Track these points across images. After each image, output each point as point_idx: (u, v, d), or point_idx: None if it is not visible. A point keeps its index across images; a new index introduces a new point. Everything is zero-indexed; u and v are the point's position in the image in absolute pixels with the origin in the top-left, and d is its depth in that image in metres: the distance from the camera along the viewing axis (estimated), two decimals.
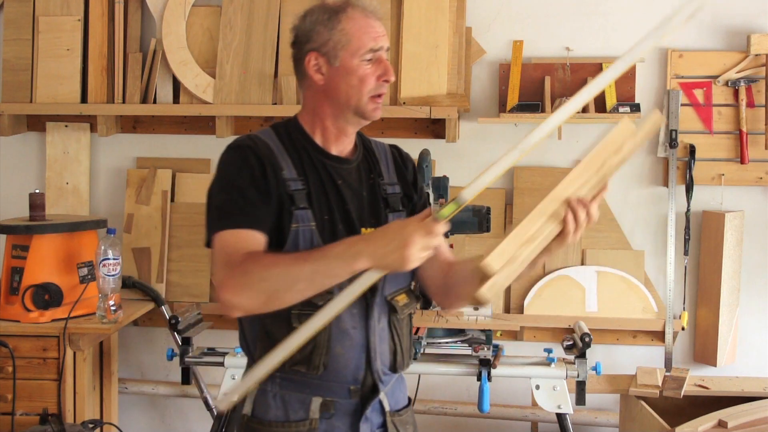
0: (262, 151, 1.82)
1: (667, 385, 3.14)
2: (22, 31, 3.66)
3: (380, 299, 1.88)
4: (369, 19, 1.88)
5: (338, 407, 1.87)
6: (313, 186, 1.85)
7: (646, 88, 3.49)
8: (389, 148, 2.04)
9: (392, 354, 1.91)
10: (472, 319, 3.06)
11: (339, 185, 1.88)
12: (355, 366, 1.86)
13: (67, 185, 3.71)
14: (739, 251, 3.46)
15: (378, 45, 1.85)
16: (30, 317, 3.11)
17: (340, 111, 1.87)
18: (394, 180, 1.97)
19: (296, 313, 1.78)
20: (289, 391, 1.86)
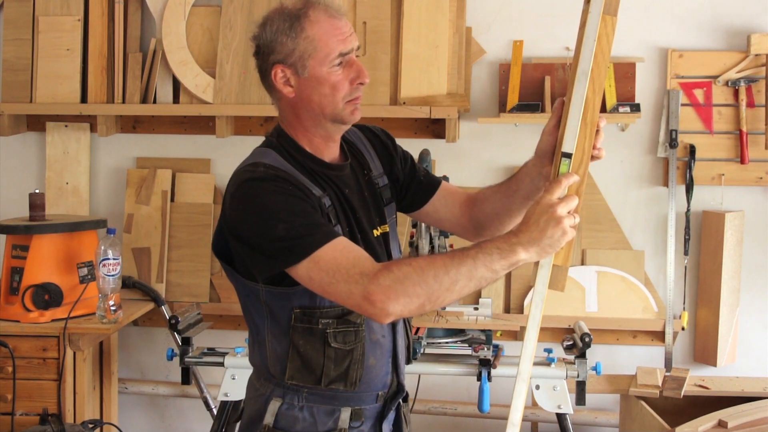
0: (289, 177, 1.73)
1: (667, 385, 3.14)
2: (22, 31, 3.66)
3: None
4: (333, 19, 1.75)
5: (366, 413, 1.86)
6: (335, 201, 1.79)
7: (646, 88, 3.49)
8: (361, 134, 1.95)
9: (407, 349, 1.94)
10: (472, 319, 3.06)
11: (347, 194, 1.82)
12: (384, 373, 1.86)
13: (67, 185, 3.71)
14: (739, 251, 3.46)
15: (347, 48, 1.74)
16: (30, 317, 3.11)
17: (317, 121, 1.78)
18: (380, 169, 1.93)
19: (331, 331, 1.76)
20: (317, 404, 1.82)
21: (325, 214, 1.73)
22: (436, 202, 1.98)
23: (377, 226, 1.86)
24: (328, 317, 1.77)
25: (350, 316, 1.77)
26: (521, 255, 1.66)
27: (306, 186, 1.73)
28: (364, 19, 3.49)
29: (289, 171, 1.75)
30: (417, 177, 1.98)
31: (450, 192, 2.00)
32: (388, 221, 1.91)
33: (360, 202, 1.84)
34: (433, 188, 1.99)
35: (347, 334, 1.79)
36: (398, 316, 1.65)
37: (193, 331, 3.05)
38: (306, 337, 1.77)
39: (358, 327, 1.79)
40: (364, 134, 1.96)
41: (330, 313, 1.77)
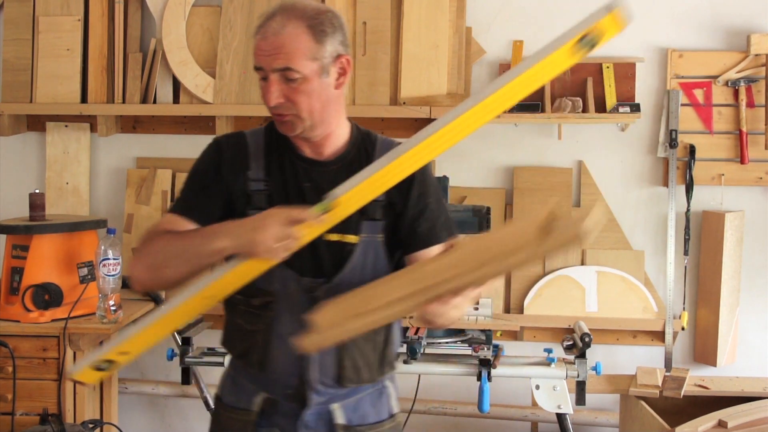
0: (228, 147, 1.89)
1: (667, 385, 3.14)
2: (22, 31, 3.66)
3: None
4: (261, 37, 1.79)
5: (280, 407, 1.90)
6: (276, 187, 1.86)
7: (646, 88, 3.49)
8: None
9: (338, 367, 1.87)
10: (472, 319, 3.06)
11: (304, 188, 1.85)
12: (289, 372, 1.86)
13: (67, 185, 3.71)
14: (739, 251, 3.46)
15: (258, 64, 1.79)
16: (30, 317, 3.11)
17: None
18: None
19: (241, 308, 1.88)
20: (244, 379, 1.93)
21: (247, 194, 1.85)
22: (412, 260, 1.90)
23: (337, 231, 1.82)
24: (240, 293, 1.85)
25: (254, 299, 1.85)
26: (218, 243, 1.72)
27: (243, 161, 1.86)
28: (364, 19, 3.49)
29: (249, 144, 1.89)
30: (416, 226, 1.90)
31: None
32: (363, 235, 1.86)
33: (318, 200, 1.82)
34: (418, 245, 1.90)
35: (251, 315, 1.88)
36: (140, 284, 1.81)
37: (193, 331, 3.05)
38: (229, 306, 1.92)
39: (260, 312, 1.86)
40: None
41: (243, 290, 1.83)
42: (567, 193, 3.54)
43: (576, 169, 3.55)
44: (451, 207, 3.09)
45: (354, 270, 1.84)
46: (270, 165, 1.87)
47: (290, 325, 1.83)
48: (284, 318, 1.84)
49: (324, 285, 1.83)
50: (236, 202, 1.86)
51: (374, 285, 1.69)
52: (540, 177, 3.55)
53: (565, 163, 3.56)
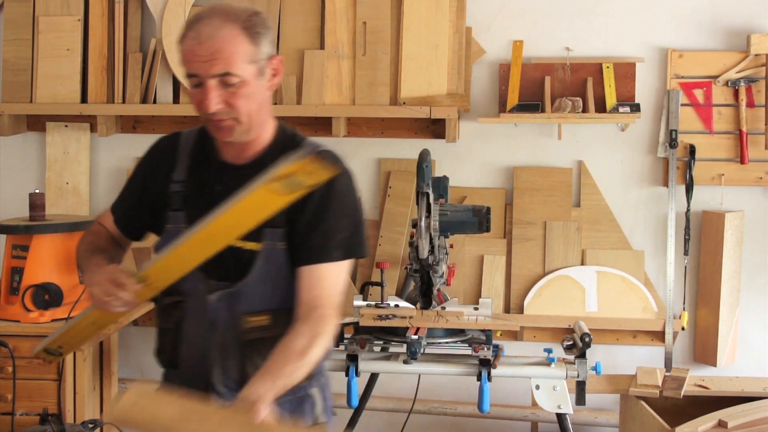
0: (160, 150, 1.94)
1: (667, 385, 3.13)
2: (22, 31, 3.66)
3: (228, 315, 1.84)
4: (195, 42, 1.73)
5: None
6: (194, 189, 1.87)
7: (646, 88, 3.49)
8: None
9: (241, 373, 1.85)
10: (472, 319, 3.06)
11: (216, 191, 1.84)
12: (197, 373, 1.87)
13: (67, 185, 3.71)
14: (739, 251, 3.46)
15: (193, 71, 1.75)
16: (30, 317, 3.11)
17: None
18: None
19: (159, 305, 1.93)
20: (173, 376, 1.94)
21: (168, 196, 1.88)
22: (297, 275, 1.84)
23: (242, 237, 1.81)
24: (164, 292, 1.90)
25: (166, 297, 1.89)
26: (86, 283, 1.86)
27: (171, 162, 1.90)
28: (364, 19, 3.49)
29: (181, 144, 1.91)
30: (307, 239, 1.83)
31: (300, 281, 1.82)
32: (265, 242, 1.83)
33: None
34: (302, 261, 1.83)
35: (163, 313, 1.92)
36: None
37: None
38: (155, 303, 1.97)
39: (171, 310, 1.89)
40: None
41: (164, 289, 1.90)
42: (567, 193, 3.54)
43: (576, 169, 3.55)
44: (451, 207, 3.09)
45: (257, 277, 1.83)
46: (192, 167, 1.89)
47: (196, 326, 1.86)
48: (191, 318, 1.87)
49: (226, 289, 1.84)
50: (158, 203, 1.90)
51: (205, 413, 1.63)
52: (540, 177, 3.55)
53: (565, 163, 3.56)
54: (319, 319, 1.77)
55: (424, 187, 2.92)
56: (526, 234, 3.55)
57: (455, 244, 3.40)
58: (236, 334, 1.84)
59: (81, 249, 1.98)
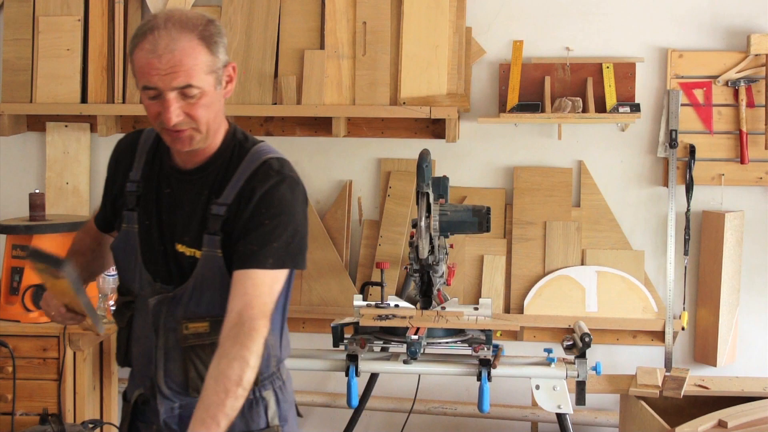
0: (122, 148, 1.96)
1: (667, 385, 3.14)
2: (22, 31, 3.66)
3: (169, 319, 1.84)
4: (152, 54, 1.68)
5: (151, 403, 1.91)
6: (146, 190, 1.88)
7: (646, 88, 3.49)
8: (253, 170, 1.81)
9: (184, 376, 1.84)
10: (472, 319, 3.06)
11: (164, 194, 1.85)
12: (143, 372, 1.90)
13: (67, 185, 3.71)
14: (739, 251, 3.46)
15: (151, 85, 1.69)
16: (30, 317, 3.11)
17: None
18: (227, 201, 1.80)
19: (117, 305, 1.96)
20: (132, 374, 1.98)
21: (123, 194, 1.91)
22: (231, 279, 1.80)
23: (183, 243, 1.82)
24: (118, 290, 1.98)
25: (120, 297, 1.94)
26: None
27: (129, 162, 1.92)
28: (364, 19, 3.49)
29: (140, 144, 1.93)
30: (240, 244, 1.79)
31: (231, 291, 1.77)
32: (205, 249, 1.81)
33: (174, 208, 1.84)
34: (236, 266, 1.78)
35: (118, 312, 1.95)
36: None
37: None
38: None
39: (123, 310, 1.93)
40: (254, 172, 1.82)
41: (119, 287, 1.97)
42: (567, 192, 3.54)
43: (576, 169, 3.55)
44: (451, 207, 3.09)
45: (195, 283, 1.82)
46: (146, 168, 1.89)
47: (142, 327, 1.88)
48: (139, 318, 1.89)
49: (166, 293, 1.84)
50: (117, 201, 1.93)
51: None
52: (540, 177, 3.55)
53: (565, 163, 3.56)
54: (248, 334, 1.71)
55: (424, 187, 2.92)
56: (526, 234, 3.55)
57: (455, 244, 3.40)
58: (176, 338, 1.84)
59: (71, 244, 2.09)
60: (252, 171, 1.81)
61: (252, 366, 1.69)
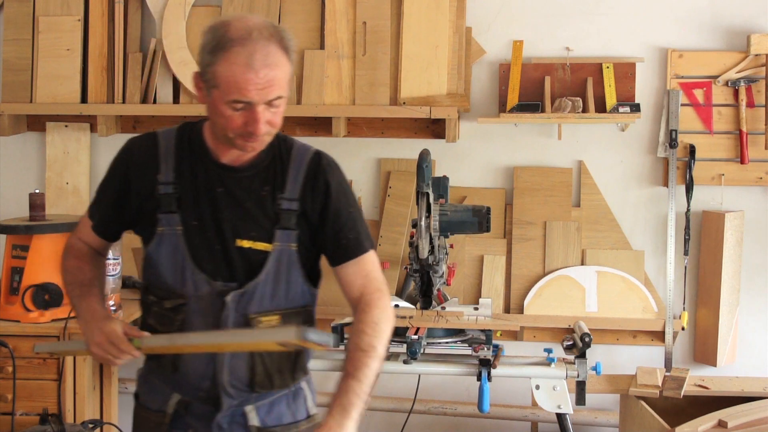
0: (139, 151, 1.91)
1: (667, 385, 3.14)
2: (22, 31, 3.66)
3: (236, 316, 1.85)
4: (248, 69, 1.70)
5: (194, 408, 1.90)
6: (186, 191, 1.86)
7: (646, 88, 3.49)
8: (309, 161, 1.89)
9: (250, 372, 1.87)
10: (472, 319, 3.06)
11: (217, 192, 1.85)
12: (201, 373, 1.88)
13: (67, 185, 3.71)
14: (739, 251, 3.46)
15: (246, 99, 1.71)
16: (30, 317, 3.11)
17: (217, 133, 1.84)
18: (295, 195, 1.86)
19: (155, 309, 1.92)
20: (157, 379, 1.96)
21: (156, 198, 1.87)
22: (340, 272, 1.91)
23: (249, 238, 1.85)
24: (154, 295, 1.92)
25: (167, 302, 1.88)
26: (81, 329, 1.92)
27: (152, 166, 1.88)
28: (364, 19, 3.49)
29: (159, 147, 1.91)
30: (339, 237, 1.88)
31: (348, 280, 1.91)
32: (276, 243, 1.85)
33: (233, 206, 1.86)
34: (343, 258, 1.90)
35: (163, 317, 1.90)
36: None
37: None
38: (143, 308, 1.97)
39: (172, 314, 1.88)
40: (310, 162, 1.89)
41: (157, 292, 1.91)
42: (567, 193, 3.54)
43: (576, 169, 3.55)
44: (451, 207, 3.09)
45: (267, 277, 1.85)
46: (180, 168, 1.88)
47: (201, 328, 1.86)
48: (195, 321, 1.86)
49: (236, 290, 1.84)
50: (145, 205, 1.89)
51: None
52: (540, 177, 3.55)
53: (565, 163, 3.56)
54: (374, 305, 1.85)
55: (424, 187, 2.92)
56: (526, 234, 3.55)
57: (455, 244, 3.40)
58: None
59: (67, 278, 2.02)
60: (308, 164, 1.88)
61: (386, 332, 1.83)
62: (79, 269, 2.01)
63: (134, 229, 1.99)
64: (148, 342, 1.86)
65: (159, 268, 1.89)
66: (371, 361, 1.79)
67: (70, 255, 2.04)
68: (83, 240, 2.06)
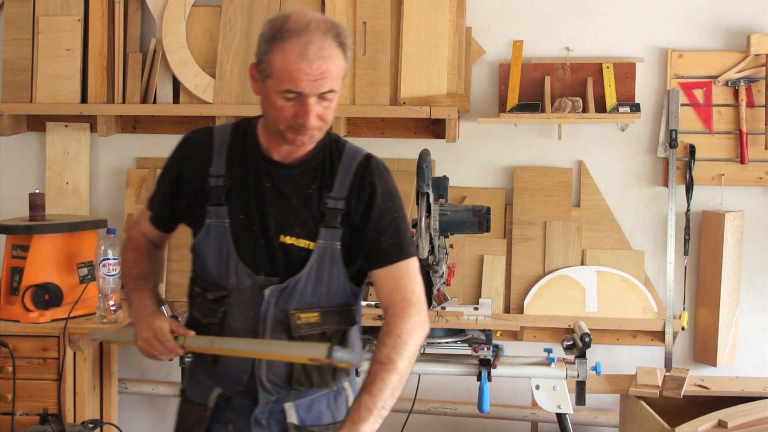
0: (195, 144, 1.95)
1: (667, 385, 3.14)
2: (22, 31, 3.66)
3: (277, 311, 1.86)
4: (302, 60, 1.72)
5: (234, 403, 1.92)
6: (236, 184, 1.88)
7: (646, 88, 3.49)
8: (358, 163, 1.91)
9: (288, 368, 1.88)
10: (472, 319, 3.06)
11: (265, 188, 1.87)
12: (241, 368, 1.89)
13: (67, 185, 3.71)
14: (739, 251, 3.46)
15: (298, 89, 1.74)
16: (30, 317, 3.11)
17: (269, 125, 1.86)
18: (342, 195, 1.88)
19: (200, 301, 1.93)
20: (201, 374, 1.97)
21: (206, 191, 1.89)
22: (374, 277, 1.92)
23: (293, 234, 1.86)
24: (199, 286, 1.94)
25: (210, 293, 1.89)
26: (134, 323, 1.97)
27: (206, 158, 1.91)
28: (364, 19, 3.49)
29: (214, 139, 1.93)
30: (379, 241, 1.88)
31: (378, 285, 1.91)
32: (320, 241, 1.87)
33: (279, 201, 1.87)
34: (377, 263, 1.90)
35: (206, 309, 1.91)
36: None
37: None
38: (189, 299, 1.98)
39: (215, 306, 1.90)
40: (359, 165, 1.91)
41: (202, 283, 1.93)
42: (567, 193, 3.54)
43: (576, 169, 3.55)
44: (451, 207, 3.09)
45: (309, 274, 1.86)
46: (232, 162, 1.90)
47: (241, 320, 1.87)
48: (236, 313, 1.87)
49: (277, 285, 1.85)
50: (196, 197, 1.91)
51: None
52: (540, 177, 3.55)
53: (565, 163, 3.56)
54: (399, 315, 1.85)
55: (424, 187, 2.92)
56: (526, 234, 3.55)
57: (455, 244, 3.40)
58: (285, 330, 1.87)
59: (124, 270, 2.08)
60: (358, 166, 1.90)
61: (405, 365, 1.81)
62: (135, 262, 2.06)
63: (186, 221, 2.00)
64: (191, 342, 1.89)
65: (205, 259, 1.90)
66: (388, 375, 1.77)
67: (128, 247, 2.09)
68: (142, 232, 2.08)
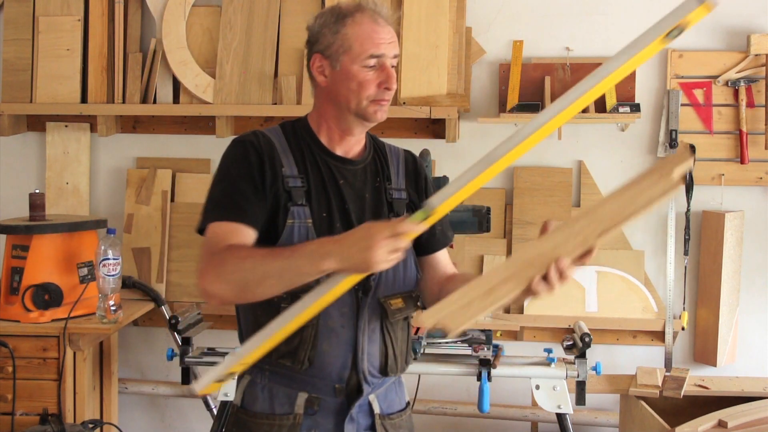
0: (263, 147, 1.87)
1: (667, 385, 3.14)
2: (22, 31, 3.66)
3: (373, 301, 1.88)
4: (376, 25, 1.85)
5: (323, 404, 1.88)
6: (313, 184, 1.88)
7: (646, 88, 3.49)
8: (403, 153, 2.04)
9: (383, 356, 1.91)
10: None
11: (340, 185, 1.90)
12: (341, 364, 1.87)
13: (67, 185, 3.71)
14: (739, 251, 3.46)
15: (380, 52, 1.83)
16: (30, 317, 3.11)
17: (341, 113, 1.89)
18: (402, 185, 1.98)
19: (285, 305, 1.78)
20: (276, 384, 1.89)
21: (286, 191, 1.84)
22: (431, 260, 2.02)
23: None
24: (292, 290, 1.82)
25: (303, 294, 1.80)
26: (327, 264, 1.66)
27: (276, 159, 1.85)
28: None
29: (273, 141, 1.88)
30: (434, 227, 1.89)
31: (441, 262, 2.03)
32: None
33: (355, 197, 1.91)
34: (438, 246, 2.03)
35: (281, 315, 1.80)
36: (220, 299, 1.73)
37: (193, 331, 3.04)
38: (264, 308, 1.82)
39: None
40: (405, 156, 2.04)
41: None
42: (567, 193, 3.54)
43: (576, 169, 3.56)
44: None
45: (397, 266, 1.86)
46: (301, 163, 1.90)
47: (338, 318, 1.85)
48: (332, 311, 1.84)
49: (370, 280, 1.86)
50: (277, 199, 1.86)
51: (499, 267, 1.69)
52: (540, 177, 3.55)
53: (565, 163, 3.56)
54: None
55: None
56: (526, 234, 3.55)
57: (455, 244, 3.39)
58: (379, 317, 1.89)
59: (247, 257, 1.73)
60: (404, 158, 2.03)
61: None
62: (250, 251, 1.76)
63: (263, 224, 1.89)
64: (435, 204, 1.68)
65: None
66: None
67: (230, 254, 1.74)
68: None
